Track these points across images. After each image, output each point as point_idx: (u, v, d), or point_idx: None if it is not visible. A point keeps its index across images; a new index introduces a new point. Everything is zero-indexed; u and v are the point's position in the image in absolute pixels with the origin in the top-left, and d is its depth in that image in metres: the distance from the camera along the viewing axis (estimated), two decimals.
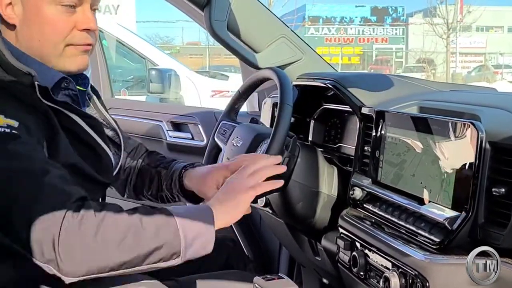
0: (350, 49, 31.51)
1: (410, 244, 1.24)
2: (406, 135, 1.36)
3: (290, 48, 2.08)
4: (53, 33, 1.28)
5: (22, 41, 1.30)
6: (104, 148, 1.38)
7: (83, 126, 1.32)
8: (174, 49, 28.52)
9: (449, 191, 1.19)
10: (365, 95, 1.62)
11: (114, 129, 1.52)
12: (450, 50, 21.80)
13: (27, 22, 1.28)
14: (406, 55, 29.97)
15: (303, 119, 1.99)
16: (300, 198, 1.67)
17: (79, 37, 1.31)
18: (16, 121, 1.15)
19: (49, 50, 1.30)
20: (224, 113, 1.93)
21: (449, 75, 20.30)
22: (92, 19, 1.32)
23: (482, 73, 22.08)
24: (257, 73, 1.80)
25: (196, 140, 2.70)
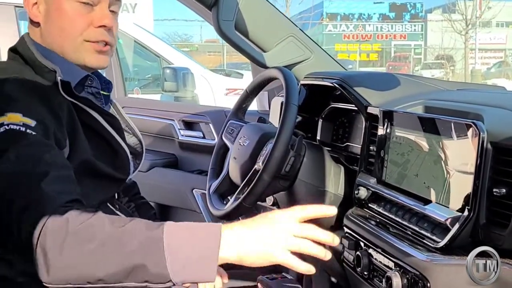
0: (368, 46, 31.33)
1: (413, 244, 1.24)
2: (410, 134, 1.35)
3: (298, 47, 2.08)
4: (71, 28, 1.35)
5: (45, 38, 1.37)
6: (122, 145, 1.41)
7: (102, 122, 1.37)
8: (193, 47, 28.60)
9: (451, 191, 1.19)
10: (371, 94, 1.62)
11: (137, 137, 1.56)
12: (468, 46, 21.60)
13: (49, 19, 1.36)
14: (424, 51, 29.73)
15: (311, 118, 1.98)
16: (306, 198, 1.67)
17: (95, 33, 1.37)
18: (33, 120, 1.18)
19: (68, 45, 1.36)
20: (231, 112, 1.93)
21: (468, 71, 20.10)
22: (107, 16, 1.38)
23: (502, 69, 21.82)
24: (264, 73, 1.81)
25: (207, 138, 2.72)
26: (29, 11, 1.37)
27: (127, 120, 1.54)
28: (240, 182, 1.70)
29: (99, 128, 1.37)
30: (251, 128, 1.77)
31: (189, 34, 31.73)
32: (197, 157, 2.81)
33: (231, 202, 1.66)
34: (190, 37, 31.35)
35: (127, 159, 1.44)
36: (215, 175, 1.88)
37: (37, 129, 1.17)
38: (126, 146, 1.45)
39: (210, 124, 2.69)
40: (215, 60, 24.60)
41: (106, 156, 1.37)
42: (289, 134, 1.54)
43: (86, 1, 1.36)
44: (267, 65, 2.02)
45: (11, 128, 1.15)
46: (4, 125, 1.15)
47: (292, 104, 1.56)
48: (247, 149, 1.70)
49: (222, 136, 1.91)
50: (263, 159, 1.58)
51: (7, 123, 1.16)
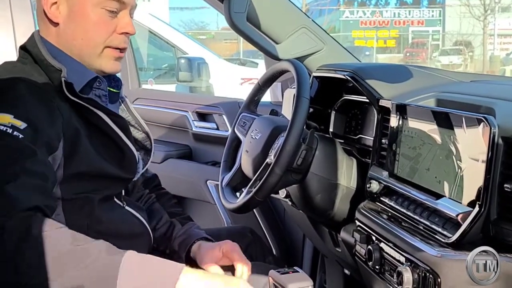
0: (385, 33, 31.04)
1: (424, 239, 1.23)
2: (422, 128, 1.35)
3: (311, 39, 2.06)
4: (96, 34, 1.37)
5: (64, 40, 1.38)
6: (128, 145, 1.41)
7: (108, 121, 1.37)
8: (209, 35, 28.55)
9: (462, 186, 1.18)
10: (383, 87, 1.61)
11: (146, 133, 1.56)
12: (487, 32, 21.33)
13: (72, 22, 1.36)
14: (442, 37, 29.38)
15: (324, 110, 1.98)
16: (318, 191, 1.67)
17: (117, 40, 1.40)
18: (24, 123, 1.18)
19: (89, 50, 1.38)
20: (244, 105, 1.93)
21: (487, 57, 19.85)
22: (130, 23, 1.41)
23: None
24: (275, 65, 1.80)
25: (221, 130, 2.72)
26: (47, 10, 1.36)
27: (136, 117, 1.54)
28: (252, 175, 1.71)
29: (104, 127, 1.37)
30: (263, 121, 1.77)
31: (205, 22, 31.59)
32: (211, 148, 2.82)
33: (243, 196, 1.66)
34: (206, 25, 31.26)
35: (134, 159, 1.44)
36: (227, 168, 1.89)
37: (25, 132, 1.18)
38: (134, 144, 1.45)
39: (223, 115, 2.70)
40: (232, 47, 24.52)
41: (112, 156, 1.37)
42: (300, 128, 1.54)
43: (111, 8, 1.36)
44: (279, 57, 2.01)
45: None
46: None
47: (304, 97, 1.56)
48: (259, 143, 1.70)
49: (235, 129, 1.91)
50: (275, 152, 1.58)
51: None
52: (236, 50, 23.07)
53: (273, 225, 2.55)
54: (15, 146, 1.16)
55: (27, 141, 1.18)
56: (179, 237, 1.56)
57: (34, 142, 1.19)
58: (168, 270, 1.09)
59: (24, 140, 1.17)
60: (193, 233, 1.56)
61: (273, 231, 2.55)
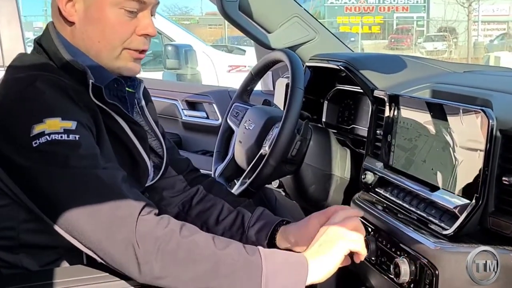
0: (370, 19, 31.03)
1: (421, 231, 1.23)
2: (417, 119, 1.34)
3: (303, 28, 2.06)
4: (114, 36, 1.28)
5: (80, 39, 1.29)
6: (143, 156, 1.35)
7: (127, 131, 1.31)
8: (193, 20, 28.34)
9: (460, 179, 1.18)
10: (377, 78, 1.60)
11: (159, 139, 1.47)
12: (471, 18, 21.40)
13: (88, 22, 1.28)
14: (427, 24, 29.42)
15: (316, 100, 1.97)
16: (312, 181, 1.67)
17: (137, 42, 1.30)
18: (73, 121, 1.14)
19: (107, 52, 1.29)
20: (236, 94, 1.92)
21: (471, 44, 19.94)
22: (151, 24, 1.31)
23: (504, 42, 21.63)
24: (269, 55, 1.79)
25: (211, 119, 2.71)
26: (62, 8, 1.27)
27: (149, 122, 1.45)
28: (246, 166, 1.70)
29: (123, 136, 1.30)
30: (257, 112, 1.76)
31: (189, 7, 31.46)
32: (201, 137, 2.81)
33: (237, 187, 1.66)
34: (190, 10, 31.09)
35: (146, 170, 1.39)
36: (220, 158, 1.89)
37: (78, 131, 1.14)
38: (148, 158, 1.39)
39: (213, 104, 2.69)
40: (216, 33, 24.35)
41: (126, 166, 1.29)
42: (295, 119, 1.53)
43: (131, 9, 1.27)
44: (271, 46, 2.00)
45: (53, 138, 1.12)
46: (45, 134, 1.12)
47: (298, 88, 1.55)
48: (253, 133, 1.69)
49: (227, 119, 1.90)
50: (269, 143, 1.58)
51: (48, 132, 1.12)
52: (221, 36, 22.92)
53: None
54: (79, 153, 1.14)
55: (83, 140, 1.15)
56: (253, 225, 1.43)
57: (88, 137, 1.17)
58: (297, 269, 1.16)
59: (81, 140, 1.14)
60: (270, 219, 1.44)
61: None
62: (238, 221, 1.47)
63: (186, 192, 1.55)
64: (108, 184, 1.14)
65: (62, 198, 1.12)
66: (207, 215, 1.50)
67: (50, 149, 1.12)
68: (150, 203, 1.18)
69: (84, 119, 1.18)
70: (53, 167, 1.12)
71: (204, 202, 1.52)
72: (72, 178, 1.13)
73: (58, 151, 1.13)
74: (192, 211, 1.52)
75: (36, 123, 1.12)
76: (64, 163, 1.12)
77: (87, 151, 1.15)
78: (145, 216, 1.13)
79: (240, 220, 1.47)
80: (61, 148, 1.13)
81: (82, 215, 1.11)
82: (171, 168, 1.54)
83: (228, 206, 1.50)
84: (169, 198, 1.52)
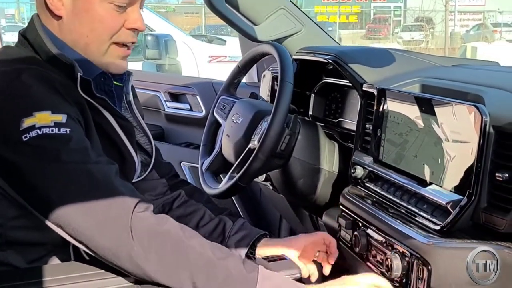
0: (347, 8, 31.07)
1: (412, 226, 1.24)
2: (408, 114, 1.34)
3: (289, 20, 2.05)
4: (102, 31, 1.26)
5: (67, 33, 1.27)
6: (131, 151, 1.34)
7: (114, 125, 1.30)
8: (169, 8, 28.03)
9: (452, 174, 1.18)
10: (366, 71, 1.60)
11: (147, 136, 1.48)
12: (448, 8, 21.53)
13: (76, 17, 1.25)
14: (404, 13, 29.56)
15: (303, 93, 1.97)
16: (301, 175, 1.66)
17: (125, 35, 1.29)
18: (63, 115, 1.13)
19: (95, 47, 1.27)
20: (223, 87, 1.90)
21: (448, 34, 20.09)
22: (140, 19, 1.30)
23: (481, 32, 21.83)
24: (257, 48, 1.77)
25: (195, 111, 2.69)
26: (49, 2, 1.25)
27: (138, 118, 1.45)
28: (234, 160, 1.69)
29: (110, 131, 1.29)
30: (244, 105, 1.75)
31: None
32: (184, 129, 2.78)
33: (225, 181, 1.65)
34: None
35: (134, 166, 1.38)
36: (207, 152, 1.87)
37: (69, 124, 1.13)
38: (135, 153, 1.38)
39: (197, 96, 2.66)
40: (192, 21, 24.10)
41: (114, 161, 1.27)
42: (285, 113, 1.52)
43: (120, 3, 1.25)
44: (258, 38, 1.98)
45: (44, 132, 1.10)
46: (35, 128, 1.10)
47: (288, 82, 1.54)
48: (241, 127, 1.68)
49: (214, 112, 1.88)
50: (259, 138, 1.56)
51: (38, 126, 1.10)
52: (197, 24, 22.74)
53: (249, 206, 2.55)
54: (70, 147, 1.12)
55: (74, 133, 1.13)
56: (235, 234, 1.45)
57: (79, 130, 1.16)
58: None
59: (72, 133, 1.13)
60: (253, 230, 1.46)
61: (248, 212, 2.54)
62: (219, 229, 1.49)
63: (168, 196, 1.55)
64: (101, 179, 1.13)
65: (54, 193, 1.11)
66: (188, 219, 1.51)
67: (41, 143, 1.10)
68: (145, 199, 1.17)
69: (73, 112, 1.17)
70: (44, 162, 1.11)
71: (185, 206, 1.54)
72: (64, 173, 1.11)
73: (49, 145, 1.11)
74: (172, 213, 1.52)
75: (26, 116, 1.11)
76: (56, 157, 1.11)
77: (78, 145, 1.14)
78: (141, 213, 1.12)
79: (222, 228, 1.49)
80: (52, 142, 1.11)
81: (75, 211, 1.10)
82: (154, 171, 1.53)
83: (209, 213, 1.52)
84: (150, 200, 1.51)
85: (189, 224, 1.46)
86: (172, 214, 1.50)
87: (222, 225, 1.49)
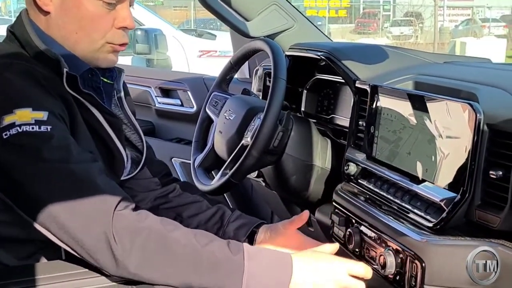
0: (337, 2, 31.06)
1: (406, 223, 1.24)
2: (402, 112, 1.34)
3: (281, 16, 2.04)
4: (93, 29, 1.25)
5: (55, 29, 1.26)
6: (119, 147, 1.33)
7: (102, 122, 1.28)
8: (158, 1, 27.88)
9: (446, 172, 1.19)
10: (359, 68, 1.60)
11: (138, 133, 1.46)
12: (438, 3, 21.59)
13: (65, 13, 1.24)
14: (393, 8, 29.60)
15: (295, 89, 1.96)
16: (293, 172, 1.66)
17: (118, 36, 1.28)
18: (44, 112, 1.11)
19: (85, 44, 1.26)
20: (215, 84, 1.90)
21: (437, 29, 20.16)
22: (130, 17, 1.29)
23: (469, 27, 21.93)
24: (249, 44, 1.77)
25: (186, 106, 2.68)
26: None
27: (128, 115, 1.43)
28: (226, 156, 1.68)
29: (97, 127, 1.28)
30: (237, 102, 1.74)
31: None
32: (175, 125, 2.77)
33: (218, 178, 1.64)
34: None
35: (122, 162, 1.36)
36: (199, 148, 1.86)
37: (50, 122, 1.11)
38: (124, 145, 1.37)
39: (188, 91, 2.65)
40: (181, 15, 23.96)
41: (101, 157, 1.28)
42: (278, 110, 1.52)
43: (109, 0, 1.24)
44: (250, 34, 1.98)
45: (24, 130, 1.09)
46: (15, 125, 1.09)
47: (281, 78, 1.54)
48: (234, 124, 1.67)
49: (206, 108, 1.88)
50: (252, 134, 1.56)
51: (18, 124, 1.09)
52: (186, 18, 22.61)
53: (240, 202, 2.54)
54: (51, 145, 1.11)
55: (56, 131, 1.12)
56: (234, 221, 1.46)
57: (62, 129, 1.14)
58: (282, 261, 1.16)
59: (53, 131, 1.11)
60: (252, 219, 1.47)
61: (240, 208, 2.52)
62: (216, 216, 1.49)
63: (161, 189, 1.55)
64: (82, 178, 1.12)
65: (35, 192, 1.10)
66: (185, 208, 1.51)
67: (21, 141, 1.10)
68: (127, 197, 1.16)
69: (56, 108, 1.16)
70: (25, 160, 1.10)
71: (181, 198, 1.54)
72: (45, 172, 1.10)
73: (29, 143, 1.10)
74: (169, 204, 1.53)
75: (6, 114, 1.10)
76: (36, 155, 1.10)
77: (60, 143, 1.13)
78: (122, 211, 1.12)
79: (220, 215, 1.49)
80: (33, 140, 1.10)
81: (56, 210, 1.09)
82: (146, 170, 1.52)
83: (207, 203, 1.52)
84: (143, 194, 1.51)
85: (185, 212, 1.49)
86: (170, 204, 1.52)
87: (221, 213, 1.50)
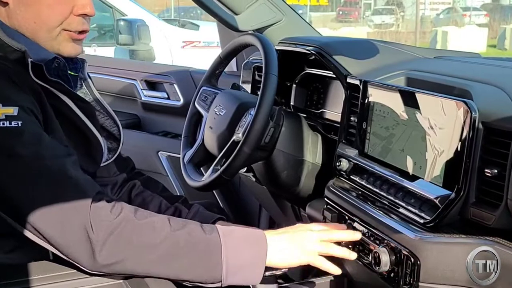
0: None
1: (400, 220, 1.24)
2: (394, 108, 1.34)
3: (270, 9, 2.03)
4: (50, 17, 1.25)
5: (15, 20, 1.25)
6: (94, 132, 1.33)
7: (74, 108, 1.28)
8: None
9: (440, 169, 1.19)
10: (350, 63, 1.59)
11: (113, 118, 1.46)
12: None
13: (22, 2, 1.24)
14: None
15: (284, 83, 1.95)
16: (284, 167, 1.66)
17: (75, 23, 1.28)
18: (14, 107, 1.11)
19: (43, 33, 1.26)
20: (204, 78, 1.88)
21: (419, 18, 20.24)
22: (90, 4, 1.29)
23: (450, 16, 22.07)
24: (239, 39, 1.75)
25: (172, 99, 2.66)
26: None
27: (100, 101, 1.44)
28: (217, 152, 1.67)
29: (70, 114, 1.28)
30: (227, 97, 1.73)
31: None
32: (161, 118, 2.75)
33: (209, 174, 1.63)
34: None
35: (100, 147, 1.36)
36: (189, 143, 1.85)
37: (20, 117, 1.11)
38: (100, 132, 1.37)
39: (174, 84, 2.63)
40: (161, 3, 23.72)
41: (79, 145, 1.29)
42: (269, 106, 1.51)
43: None
44: (239, 28, 1.96)
45: None
46: None
47: (272, 74, 1.53)
48: (224, 119, 1.66)
49: (195, 103, 1.86)
50: (243, 130, 1.55)
51: None
52: (166, 6, 22.39)
53: (228, 196, 2.54)
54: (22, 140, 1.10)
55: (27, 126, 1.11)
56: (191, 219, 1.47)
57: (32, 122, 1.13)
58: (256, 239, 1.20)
59: (25, 126, 1.11)
60: (208, 215, 1.49)
61: (227, 202, 2.53)
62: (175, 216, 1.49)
63: (124, 187, 1.55)
64: (56, 173, 1.12)
65: (9, 190, 1.09)
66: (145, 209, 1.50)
67: None
68: (101, 190, 1.17)
69: (27, 103, 1.15)
70: None
71: (141, 196, 1.54)
72: (18, 168, 1.10)
73: (0, 139, 1.10)
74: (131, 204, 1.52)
75: None
76: (8, 152, 1.10)
77: (31, 138, 1.12)
78: (98, 203, 1.12)
79: (177, 216, 1.49)
80: (4, 136, 1.10)
81: (32, 206, 1.09)
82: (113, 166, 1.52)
83: (165, 202, 1.54)
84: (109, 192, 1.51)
85: None
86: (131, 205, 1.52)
87: (178, 213, 1.52)
